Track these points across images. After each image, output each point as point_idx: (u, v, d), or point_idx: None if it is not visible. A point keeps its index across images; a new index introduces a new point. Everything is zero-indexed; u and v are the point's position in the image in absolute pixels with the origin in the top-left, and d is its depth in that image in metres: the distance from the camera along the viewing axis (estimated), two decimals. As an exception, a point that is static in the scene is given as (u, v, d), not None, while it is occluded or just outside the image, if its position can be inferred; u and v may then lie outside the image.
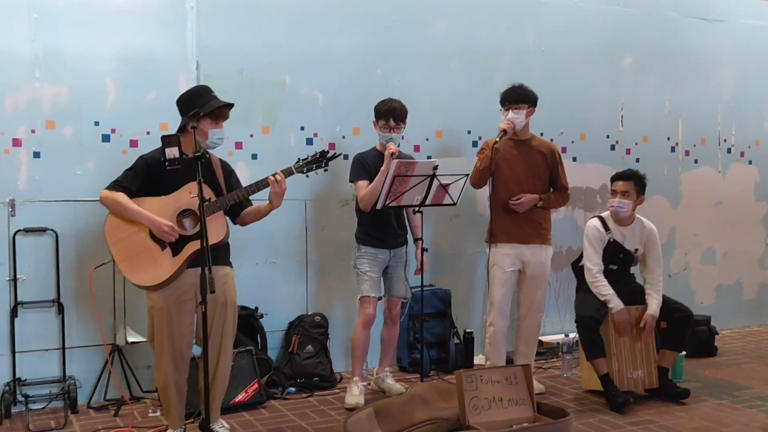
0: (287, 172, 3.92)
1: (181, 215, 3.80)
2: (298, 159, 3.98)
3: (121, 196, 3.76)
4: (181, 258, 3.72)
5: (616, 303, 4.65)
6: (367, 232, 4.69)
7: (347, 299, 5.26)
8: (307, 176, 4.02)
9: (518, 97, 4.71)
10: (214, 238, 3.67)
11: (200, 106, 3.78)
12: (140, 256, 3.74)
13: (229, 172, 4.06)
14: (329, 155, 3.99)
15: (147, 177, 3.81)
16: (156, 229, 3.73)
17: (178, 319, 3.77)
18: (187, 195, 3.73)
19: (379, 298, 4.73)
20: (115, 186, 3.80)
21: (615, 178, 4.82)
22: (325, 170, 4.04)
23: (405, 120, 4.68)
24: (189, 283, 3.75)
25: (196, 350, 3.98)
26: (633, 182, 4.74)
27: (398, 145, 4.62)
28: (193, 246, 3.72)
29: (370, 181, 4.54)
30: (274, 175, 3.87)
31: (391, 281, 4.75)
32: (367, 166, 4.63)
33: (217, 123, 3.88)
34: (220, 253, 3.84)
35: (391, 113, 4.60)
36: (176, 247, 3.74)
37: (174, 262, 3.72)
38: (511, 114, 4.67)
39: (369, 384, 4.92)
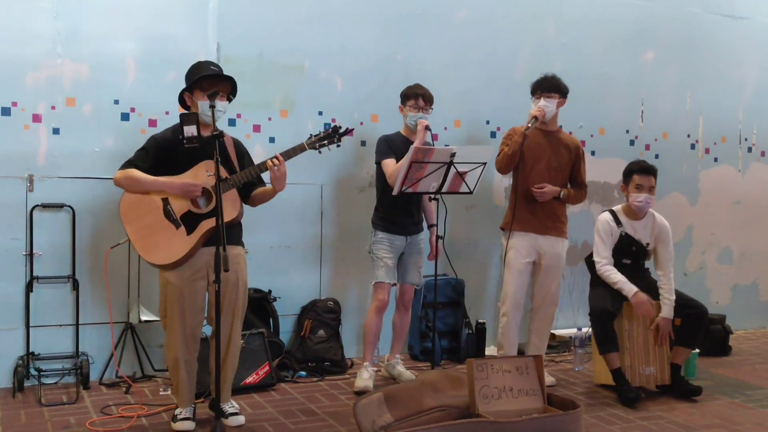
0: (299, 149, 3.86)
1: None
2: (311, 135, 3.93)
3: (135, 171, 3.76)
4: (196, 236, 3.72)
5: (629, 288, 4.62)
6: (385, 218, 4.67)
7: (361, 285, 5.26)
8: (320, 152, 3.93)
9: (551, 86, 4.70)
10: (228, 215, 3.68)
11: (194, 78, 3.80)
12: (155, 236, 3.74)
13: (241, 152, 4.04)
14: (342, 131, 3.94)
15: (159, 156, 3.81)
16: (178, 190, 3.72)
17: (189, 297, 3.78)
18: (203, 173, 3.74)
19: (393, 285, 4.71)
20: (127, 165, 3.81)
21: (638, 172, 4.70)
22: (338, 146, 3.99)
23: (432, 105, 4.68)
24: (202, 261, 3.75)
25: (207, 330, 4.00)
26: (653, 176, 4.72)
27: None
28: (208, 224, 3.71)
29: (397, 161, 4.53)
30: (272, 159, 3.81)
31: (405, 267, 4.74)
32: (393, 145, 4.62)
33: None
34: (233, 233, 3.85)
35: (421, 95, 4.63)
36: (190, 225, 3.74)
37: (189, 240, 3.72)
38: (542, 101, 4.66)
39: (380, 370, 4.92)
